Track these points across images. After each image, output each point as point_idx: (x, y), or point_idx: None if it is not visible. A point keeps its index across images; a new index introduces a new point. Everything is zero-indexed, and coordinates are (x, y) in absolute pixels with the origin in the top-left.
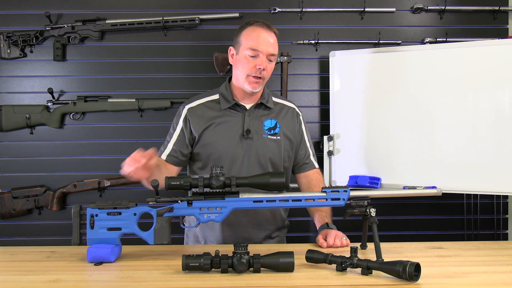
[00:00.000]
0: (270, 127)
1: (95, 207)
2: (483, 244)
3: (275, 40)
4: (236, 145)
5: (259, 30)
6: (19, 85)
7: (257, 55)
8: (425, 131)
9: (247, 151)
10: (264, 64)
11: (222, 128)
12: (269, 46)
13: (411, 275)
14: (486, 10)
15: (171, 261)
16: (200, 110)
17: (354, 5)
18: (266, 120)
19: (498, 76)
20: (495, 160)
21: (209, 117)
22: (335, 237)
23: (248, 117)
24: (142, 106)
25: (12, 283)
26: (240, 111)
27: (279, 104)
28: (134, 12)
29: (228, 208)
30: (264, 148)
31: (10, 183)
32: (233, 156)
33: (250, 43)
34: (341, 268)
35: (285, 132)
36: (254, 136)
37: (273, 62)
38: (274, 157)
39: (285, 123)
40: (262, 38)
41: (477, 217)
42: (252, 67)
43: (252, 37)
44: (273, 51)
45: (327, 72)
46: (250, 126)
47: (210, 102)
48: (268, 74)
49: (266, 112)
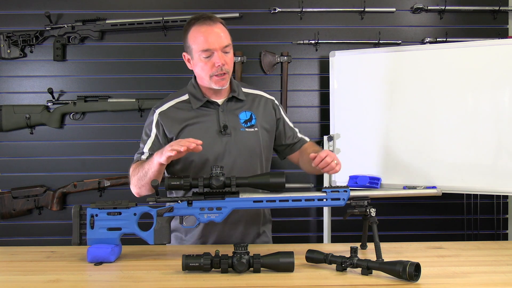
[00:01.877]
0: (246, 119)
1: (95, 207)
2: (483, 244)
3: (222, 29)
4: (215, 142)
5: (203, 29)
6: (19, 85)
7: (211, 54)
8: (425, 131)
9: (228, 147)
10: (221, 60)
11: (198, 128)
12: (219, 40)
13: (411, 275)
14: (486, 10)
15: (171, 261)
16: (172, 112)
17: (354, 5)
18: (241, 113)
19: (498, 76)
20: (495, 160)
21: (182, 118)
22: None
23: (222, 113)
24: (142, 106)
25: (12, 283)
26: (213, 107)
27: (251, 95)
28: (134, 12)
29: (228, 208)
30: (244, 142)
31: (10, 183)
32: (215, 154)
33: (200, 46)
34: (341, 268)
35: (262, 122)
36: (232, 131)
37: (229, 52)
38: (255, 149)
39: (260, 113)
40: (209, 36)
41: (477, 217)
42: (211, 67)
43: (199, 39)
44: (225, 42)
45: (327, 72)
46: (226, 121)
47: (180, 103)
48: (229, 66)
49: (239, 104)
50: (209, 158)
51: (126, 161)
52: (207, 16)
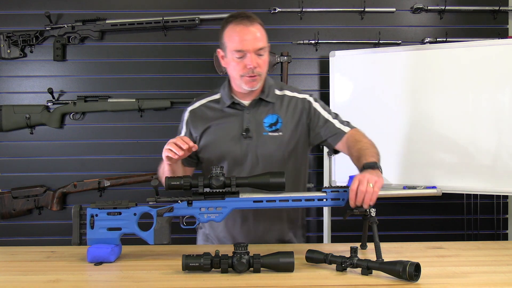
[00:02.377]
0: (271, 123)
1: (95, 207)
2: (483, 244)
3: (259, 31)
4: (235, 145)
5: (239, 28)
6: (19, 85)
7: (244, 55)
8: (425, 131)
9: (247, 151)
10: (253, 63)
11: (221, 129)
12: (254, 42)
13: (411, 275)
14: (486, 10)
15: (171, 261)
16: (201, 111)
17: (354, 5)
18: (267, 116)
19: (498, 76)
20: (495, 160)
21: (208, 118)
22: (367, 190)
23: (247, 115)
24: (142, 106)
25: (12, 283)
26: (239, 109)
27: (281, 97)
28: (134, 12)
29: (228, 208)
30: (264, 147)
31: (10, 183)
32: (234, 157)
33: (233, 45)
34: (341, 268)
35: (289, 126)
36: (253, 135)
37: (264, 55)
38: (277, 155)
39: (289, 116)
40: (244, 36)
41: (477, 217)
42: (242, 67)
43: (234, 38)
44: (260, 45)
45: (327, 72)
46: (249, 124)
47: (211, 102)
48: (262, 69)
49: (267, 107)
50: (226, 160)
51: (126, 161)
52: (246, 16)
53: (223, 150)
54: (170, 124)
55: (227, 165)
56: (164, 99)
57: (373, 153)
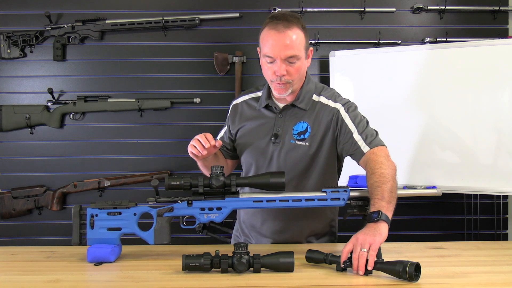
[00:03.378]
0: (300, 131)
1: (95, 207)
2: (483, 244)
3: (292, 36)
4: (264, 149)
5: (272, 33)
6: (19, 85)
7: (274, 61)
8: (425, 131)
9: (273, 156)
10: (281, 71)
11: (254, 130)
12: (284, 49)
13: (411, 275)
14: (486, 10)
15: (171, 261)
16: (241, 107)
17: (354, 5)
18: (298, 123)
19: (498, 76)
20: (495, 160)
21: (245, 116)
22: (360, 256)
23: (280, 119)
24: (142, 106)
25: (12, 283)
26: (274, 111)
27: (319, 104)
28: (134, 12)
29: (228, 208)
30: (289, 155)
31: (10, 183)
32: (260, 161)
33: (265, 49)
34: (341, 268)
35: (318, 136)
36: (281, 141)
37: (295, 63)
38: (299, 164)
39: (319, 125)
40: (275, 43)
41: (477, 217)
42: (272, 73)
43: (266, 42)
44: (290, 53)
45: (327, 72)
46: (279, 130)
47: (252, 99)
48: (292, 77)
49: (299, 114)
50: (254, 163)
51: (126, 161)
52: (284, 18)
53: (252, 152)
54: (170, 124)
55: (254, 167)
56: (164, 99)
57: (383, 192)
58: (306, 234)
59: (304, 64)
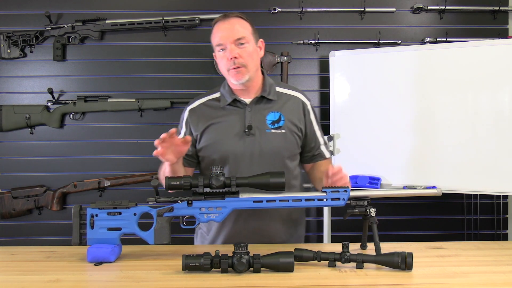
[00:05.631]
0: (274, 121)
1: (95, 207)
2: (483, 244)
3: (238, 22)
4: (238, 142)
5: (218, 25)
6: (19, 85)
7: (225, 48)
8: (425, 131)
9: (251, 148)
10: (233, 53)
11: (223, 127)
12: (230, 32)
13: (410, 265)
14: (486, 10)
15: (171, 261)
16: (200, 110)
17: (354, 5)
18: (269, 113)
19: (498, 76)
20: (495, 160)
21: (209, 116)
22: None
23: (249, 112)
24: (142, 106)
25: (12, 283)
26: (240, 106)
27: (284, 95)
28: (134, 12)
29: (228, 208)
30: (268, 144)
31: (10, 183)
32: (237, 155)
33: (214, 41)
34: (334, 264)
35: (290, 124)
36: (256, 132)
37: (246, 44)
38: (280, 152)
39: (290, 114)
40: (220, 30)
41: (477, 217)
42: (226, 61)
43: (215, 35)
44: (238, 35)
45: (327, 72)
46: (251, 121)
47: (211, 100)
48: (247, 59)
49: (268, 105)
50: (229, 158)
51: (126, 161)
52: (225, 14)
53: (226, 148)
54: (170, 124)
55: (229, 163)
56: (164, 99)
57: None
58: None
59: (256, 50)
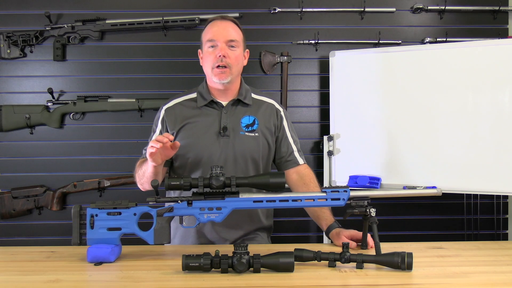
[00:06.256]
0: (248, 124)
1: (95, 207)
2: (483, 244)
3: (232, 26)
4: (212, 143)
5: (214, 23)
6: (19, 85)
7: (216, 45)
8: (425, 131)
9: (224, 149)
10: (223, 51)
11: (198, 127)
12: (225, 32)
13: (410, 265)
14: (486, 10)
15: (171, 261)
16: (177, 109)
17: (354, 5)
18: (244, 117)
19: (498, 76)
20: (495, 160)
21: (185, 116)
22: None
23: (225, 114)
24: (142, 106)
25: (12, 283)
26: (217, 108)
27: (258, 101)
28: (134, 12)
29: (228, 208)
30: (242, 146)
31: (10, 183)
32: (210, 155)
33: (207, 36)
34: (334, 264)
35: (264, 129)
36: (231, 134)
37: (236, 48)
38: (253, 154)
39: (264, 119)
40: (217, 27)
41: (477, 217)
42: (213, 58)
43: (208, 31)
44: (231, 37)
45: (327, 72)
46: (227, 123)
47: (187, 100)
48: (233, 62)
49: (244, 109)
50: (203, 158)
51: (126, 161)
52: (222, 15)
53: (200, 148)
54: None
55: (203, 162)
56: (164, 99)
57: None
58: None
59: (241, 57)
